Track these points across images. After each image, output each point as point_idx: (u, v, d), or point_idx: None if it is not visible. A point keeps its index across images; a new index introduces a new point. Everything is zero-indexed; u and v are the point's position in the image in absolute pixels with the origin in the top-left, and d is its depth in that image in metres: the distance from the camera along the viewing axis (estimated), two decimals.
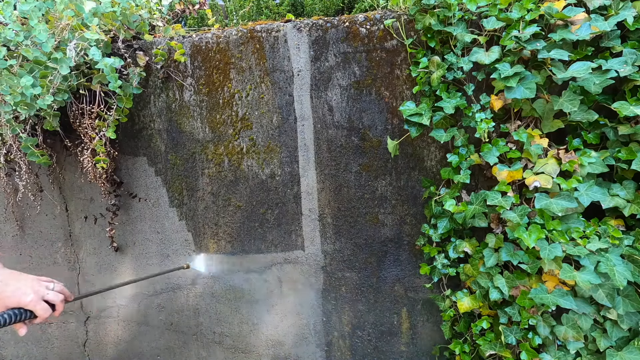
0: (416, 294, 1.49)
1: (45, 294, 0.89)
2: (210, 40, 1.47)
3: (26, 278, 0.90)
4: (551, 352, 1.18)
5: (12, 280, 0.87)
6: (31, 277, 0.91)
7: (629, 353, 1.10)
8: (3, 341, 1.88)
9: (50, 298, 0.90)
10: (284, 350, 1.64)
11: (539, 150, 1.17)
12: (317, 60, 1.41)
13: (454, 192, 1.30)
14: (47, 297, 0.89)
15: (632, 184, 1.15)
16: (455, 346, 1.36)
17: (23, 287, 0.87)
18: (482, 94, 1.25)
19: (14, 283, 0.87)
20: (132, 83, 1.45)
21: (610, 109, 1.13)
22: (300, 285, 1.57)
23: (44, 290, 0.90)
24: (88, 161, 1.50)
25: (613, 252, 1.10)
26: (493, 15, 1.18)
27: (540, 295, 1.13)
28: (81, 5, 1.39)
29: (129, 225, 1.67)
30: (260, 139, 1.50)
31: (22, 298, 0.86)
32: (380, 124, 1.41)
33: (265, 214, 1.55)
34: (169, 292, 1.69)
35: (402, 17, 1.31)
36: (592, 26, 1.09)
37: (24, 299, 0.86)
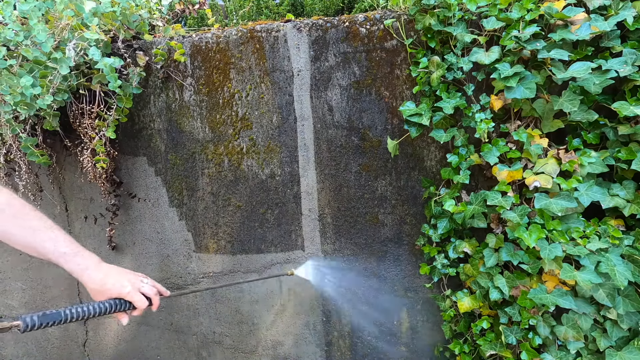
0: (416, 294, 1.49)
1: (141, 287, 0.97)
2: (210, 40, 1.47)
3: (124, 272, 0.98)
4: (552, 352, 1.18)
5: (112, 274, 0.96)
6: (128, 271, 0.99)
7: (629, 353, 1.10)
8: (3, 341, 1.88)
9: (145, 290, 0.97)
10: (284, 350, 1.64)
11: (539, 150, 1.17)
12: (317, 60, 1.41)
13: (454, 192, 1.30)
14: (142, 290, 0.97)
15: (632, 184, 1.15)
16: (455, 346, 1.36)
17: (122, 279, 0.95)
18: (482, 94, 1.25)
19: (114, 276, 0.95)
20: (132, 83, 1.45)
21: (610, 109, 1.13)
22: (300, 285, 1.57)
23: (140, 283, 0.98)
24: (88, 161, 1.50)
25: (613, 252, 1.09)
26: (493, 15, 1.17)
27: (539, 296, 1.13)
28: (81, 5, 1.39)
29: (128, 225, 1.67)
30: (260, 139, 1.50)
31: (121, 290, 0.94)
32: (380, 124, 1.41)
33: (265, 214, 1.55)
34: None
35: (402, 17, 1.31)
36: (592, 26, 1.09)
37: (123, 290, 0.94)
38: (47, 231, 0.94)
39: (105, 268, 0.97)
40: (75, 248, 0.95)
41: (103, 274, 0.95)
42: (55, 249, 0.93)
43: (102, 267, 0.96)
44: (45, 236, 0.93)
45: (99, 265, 0.96)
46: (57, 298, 1.79)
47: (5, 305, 1.85)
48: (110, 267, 0.98)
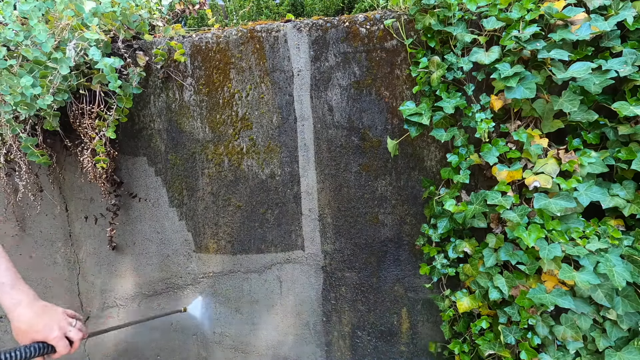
0: (416, 294, 1.49)
1: (68, 331, 0.94)
2: (210, 40, 1.47)
3: (55, 312, 0.95)
4: (550, 352, 1.18)
5: (44, 315, 0.92)
6: (60, 310, 0.96)
7: (628, 353, 1.10)
8: (3, 341, 1.88)
9: (72, 335, 0.95)
10: (284, 350, 1.64)
11: (538, 150, 1.17)
12: (317, 60, 1.41)
13: (454, 192, 1.30)
14: (69, 335, 0.94)
15: (632, 184, 1.15)
16: (454, 346, 1.36)
17: (51, 323, 0.92)
18: (482, 94, 1.25)
19: (45, 318, 0.92)
20: (132, 83, 1.45)
21: (610, 109, 1.13)
22: (300, 285, 1.57)
23: (68, 327, 0.95)
24: (88, 161, 1.50)
25: (612, 253, 1.10)
26: (493, 15, 1.17)
27: (538, 295, 1.13)
28: (81, 5, 1.39)
29: (128, 225, 1.67)
30: (260, 139, 1.50)
31: (49, 334, 0.91)
32: (380, 124, 1.41)
33: (265, 214, 1.55)
34: (169, 292, 1.69)
35: (402, 17, 1.31)
36: (592, 26, 1.09)
37: (50, 335, 0.91)
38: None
39: (37, 307, 0.92)
40: (13, 280, 0.92)
41: (34, 313, 0.91)
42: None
43: (34, 305, 0.92)
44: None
45: (33, 302, 0.93)
46: (58, 298, 1.79)
47: None
48: (43, 305, 0.94)
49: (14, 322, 0.92)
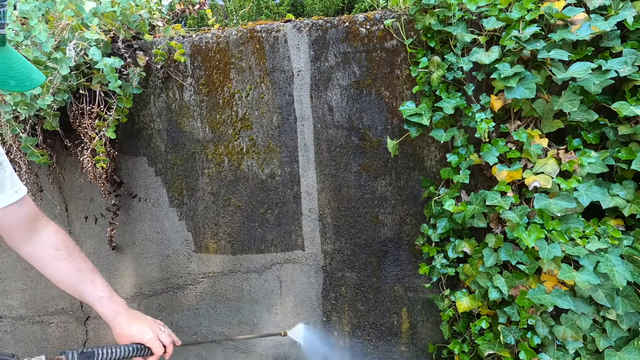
0: (416, 294, 1.49)
1: (159, 334, 1.04)
2: (210, 40, 1.47)
3: (146, 319, 1.05)
4: (550, 352, 1.18)
5: (136, 321, 1.03)
6: (150, 318, 1.07)
7: (628, 353, 1.10)
8: (3, 341, 1.88)
9: (163, 339, 1.04)
10: (284, 350, 1.64)
11: (538, 150, 1.17)
12: (317, 60, 1.41)
13: (454, 192, 1.30)
14: (160, 337, 1.04)
15: (632, 184, 1.15)
16: (454, 346, 1.36)
17: (144, 327, 1.02)
18: (482, 94, 1.25)
19: (138, 323, 1.03)
20: (132, 83, 1.45)
21: (610, 109, 1.13)
22: (300, 285, 1.57)
23: (159, 331, 1.05)
24: (88, 161, 1.50)
25: (613, 252, 1.09)
26: (493, 15, 1.17)
27: (538, 296, 1.13)
28: (81, 5, 1.40)
29: (128, 225, 1.67)
30: (260, 139, 1.50)
31: (143, 336, 1.01)
32: (380, 124, 1.41)
33: (265, 214, 1.55)
34: (169, 292, 1.69)
35: (402, 17, 1.31)
36: (592, 26, 1.09)
37: (145, 337, 1.01)
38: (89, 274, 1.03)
39: (131, 314, 1.04)
40: (109, 292, 1.03)
41: (129, 320, 1.02)
42: (94, 292, 1.01)
43: (129, 312, 1.04)
44: (88, 279, 1.02)
45: (127, 310, 1.04)
46: (58, 298, 1.80)
47: (5, 305, 1.85)
48: (135, 313, 1.05)
49: (115, 329, 1.02)
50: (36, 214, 1.03)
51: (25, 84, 0.73)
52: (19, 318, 1.85)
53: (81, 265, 1.03)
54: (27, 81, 0.74)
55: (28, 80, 0.74)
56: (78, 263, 1.03)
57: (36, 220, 1.02)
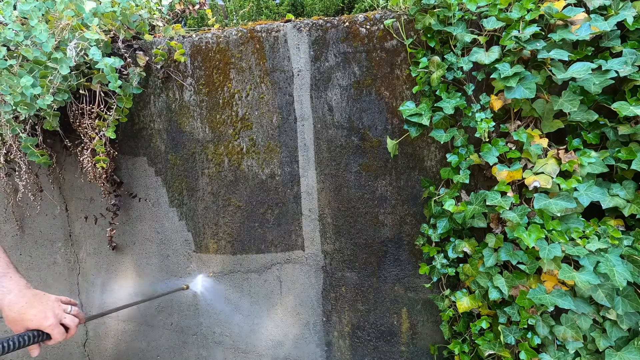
0: (416, 294, 1.49)
1: (62, 318, 0.93)
2: (210, 40, 1.47)
3: (48, 300, 0.93)
4: (550, 352, 1.18)
5: (36, 303, 0.91)
6: (53, 298, 0.94)
7: (628, 353, 1.10)
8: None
9: (67, 322, 0.94)
10: (284, 350, 1.64)
11: (538, 150, 1.17)
12: (317, 60, 1.41)
13: (454, 192, 1.30)
14: (64, 321, 0.93)
15: (632, 184, 1.15)
16: (454, 346, 1.36)
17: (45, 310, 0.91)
18: (482, 94, 1.25)
19: (38, 306, 0.91)
20: (132, 83, 1.45)
21: (610, 109, 1.13)
22: (300, 285, 1.57)
23: (62, 314, 0.94)
24: (88, 161, 1.50)
25: (613, 253, 1.09)
26: (493, 15, 1.17)
27: (538, 296, 1.13)
28: (81, 5, 1.40)
29: (128, 225, 1.67)
30: (260, 139, 1.50)
31: (42, 322, 0.89)
32: (380, 124, 1.41)
33: (265, 214, 1.55)
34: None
35: (402, 17, 1.31)
36: (592, 26, 1.09)
37: (44, 322, 0.90)
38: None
39: (29, 295, 0.91)
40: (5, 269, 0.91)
41: (25, 302, 0.90)
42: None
43: (26, 293, 0.91)
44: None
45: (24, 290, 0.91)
46: None
47: None
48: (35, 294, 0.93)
49: (4, 311, 0.90)
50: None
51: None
52: None
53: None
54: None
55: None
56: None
57: None
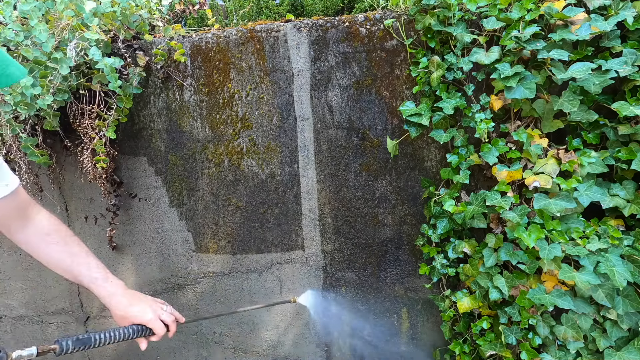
0: (416, 294, 1.49)
1: (161, 314, 1.03)
2: (210, 40, 1.47)
3: (146, 299, 1.04)
4: (551, 352, 1.18)
5: (136, 301, 1.01)
6: (150, 298, 1.05)
7: (629, 353, 1.10)
8: (3, 341, 1.88)
9: (165, 318, 1.03)
10: (284, 350, 1.64)
11: (538, 150, 1.17)
12: (317, 60, 1.41)
13: (454, 192, 1.30)
14: (162, 317, 1.03)
15: (632, 184, 1.15)
16: (455, 346, 1.36)
17: (145, 307, 1.01)
18: (482, 94, 1.25)
19: (138, 303, 1.01)
20: (132, 83, 1.45)
21: (610, 109, 1.13)
22: (300, 285, 1.57)
23: (160, 310, 1.03)
24: (88, 161, 1.50)
25: (613, 252, 1.09)
26: (493, 15, 1.17)
27: (538, 296, 1.13)
28: (81, 5, 1.40)
29: (128, 225, 1.67)
30: (260, 139, 1.50)
31: (144, 317, 1.00)
32: (380, 124, 1.41)
33: (265, 214, 1.55)
34: (169, 292, 1.69)
35: (402, 17, 1.31)
36: (592, 26, 1.09)
37: (145, 317, 1.00)
38: (83, 256, 1.02)
39: (129, 295, 1.02)
40: (105, 274, 1.01)
41: (128, 301, 1.01)
42: (89, 274, 1.00)
43: (127, 293, 1.02)
44: (82, 261, 1.01)
45: (125, 291, 1.02)
46: (58, 298, 1.79)
47: (5, 305, 1.85)
48: (134, 293, 1.03)
49: (112, 311, 1.00)
50: (28, 202, 1.02)
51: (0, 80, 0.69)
52: (19, 318, 1.85)
53: (74, 248, 1.02)
54: (2, 77, 0.69)
55: (4, 77, 0.69)
56: (70, 246, 1.02)
57: (28, 208, 1.02)
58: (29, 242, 1.02)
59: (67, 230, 1.05)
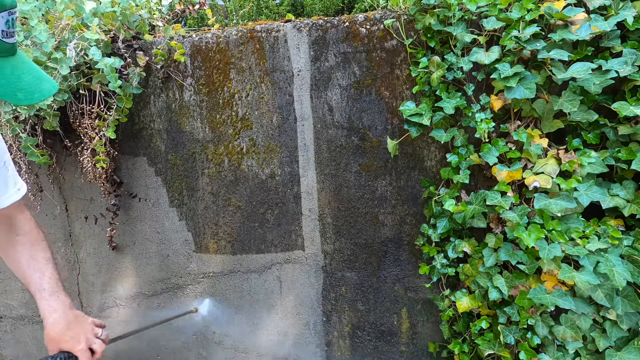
0: (416, 294, 1.49)
1: (92, 343, 0.98)
2: (210, 40, 1.47)
3: (85, 323, 0.99)
4: (550, 352, 1.18)
5: (74, 326, 0.96)
6: (89, 321, 1.00)
7: (628, 353, 1.10)
8: (3, 341, 1.88)
9: (95, 348, 0.99)
10: (284, 350, 1.64)
11: (538, 150, 1.17)
12: (317, 60, 1.41)
13: (454, 192, 1.30)
14: (93, 346, 0.98)
15: (632, 184, 1.15)
16: (454, 346, 1.36)
17: (79, 334, 0.96)
18: (482, 94, 1.25)
19: (74, 329, 0.96)
20: (132, 83, 1.45)
21: (610, 109, 1.13)
22: (300, 285, 1.57)
23: (93, 339, 0.99)
24: (88, 161, 1.50)
25: (612, 253, 1.10)
26: (493, 15, 1.17)
27: (539, 296, 1.13)
28: (81, 5, 1.40)
29: (128, 225, 1.67)
30: (260, 139, 1.50)
31: (75, 345, 0.95)
32: (380, 124, 1.41)
33: (265, 214, 1.55)
34: (169, 292, 1.69)
35: (402, 17, 1.31)
36: (592, 26, 1.09)
37: (77, 346, 0.95)
38: (42, 263, 0.97)
39: (70, 317, 0.96)
40: (55, 287, 0.96)
41: (66, 324, 0.95)
42: (39, 282, 0.96)
43: (68, 314, 0.96)
44: (38, 267, 0.97)
45: (67, 311, 0.96)
46: None
47: (5, 306, 1.85)
48: (76, 316, 0.98)
49: (47, 328, 0.95)
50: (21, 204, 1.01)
51: (34, 96, 0.69)
52: (19, 318, 1.85)
53: (37, 253, 0.99)
54: (36, 92, 0.69)
55: (37, 92, 0.69)
56: (34, 250, 0.99)
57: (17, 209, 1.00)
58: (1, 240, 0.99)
59: (39, 235, 1.02)
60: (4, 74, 0.65)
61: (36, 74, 0.71)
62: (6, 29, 0.63)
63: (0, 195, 0.93)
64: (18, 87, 0.67)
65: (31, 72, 0.70)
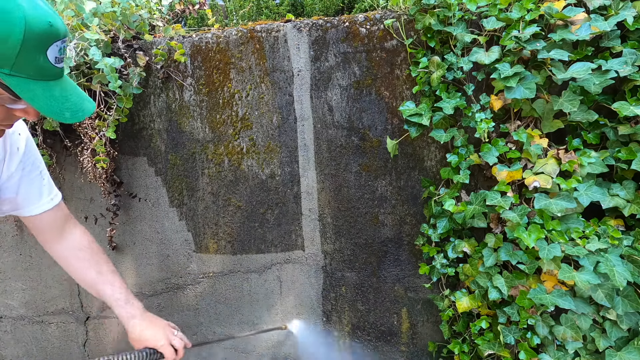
0: (416, 294, 1.49)
1: (172, 340, 1.08)
2: (210, 40, 1.47)
3: (160, 324, 1.10)
4: (550, 352, 1.18)
5: (151, 326, 1.08)
6: (164, 323, 1.11)
7: (628, 353, 1.10)
8: (3, 341, 1.88)
9: (175, 343, 1.08)
10: (284, 350, 1.64)
11: (538, 151, 1.17)
12: (317, 60, 1.41)
13: (454, 192, 1.30)
14: (173, 342, 1.08)
15: (632, 184, 1.15)
16: (454, 346, 1.36)
17: (159, 332, 1.07)
18: (482, 94, 1.25)
19: (152, 328, 1.07)
20: (132, 83, 1.45)
21: (610, 109, 1.13)
22: (300, 285, 1.57)
23: (172, 336, 1.09)
24: (88, 161, 1.50)
25: (612, 253, 1.10)
26: (493, 15, 1.18)
27: (539, 296, 1.13)
28: (81, 5, 1.40)
29: (128, 225, 1.67)
30: (260, 139, 1.50)
31: (156, 342, 1.06)
32: (380, 124, 1.41)
33: (265, 214, 1.55)
34: (169, 292, 1.69)
35: (402, 17, 1.31)
36: (592, 26, 1.09)
37: (158, 343, 1.06)
38: (109, 275, 1.09)
39: (147, 318, 1.08)
40: (127, 295, 1.08)
41: (144, 325, 1.07)
42: (112, 294, 1.07)
43: (145, 316, 1.08)
44: (107, 280, 1.08)
45: (143, 314, 1.08)
46: (58, 298, 1.80)
47: (5, 305, 1.85)
48: (151, 318, 1.09)
49: (128, 331, 1.07)
50: (67, 217, 1.09)
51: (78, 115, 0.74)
52: (19, 318, 1.85)
53: (102, 267, 1.09)
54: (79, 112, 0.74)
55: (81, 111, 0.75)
56: (99, 265, 1.09)
57: (66, 222, 1.09)
58: (62, 255, 1.09)
59: (99, 248, 1.12)
60: (54, 95, 0.70)
61: (80, 95, 0.76)
62: (58, 56, 0.69)
63: (34, 203, 1.00)
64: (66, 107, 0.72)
65: (75, 93, 0.76)
